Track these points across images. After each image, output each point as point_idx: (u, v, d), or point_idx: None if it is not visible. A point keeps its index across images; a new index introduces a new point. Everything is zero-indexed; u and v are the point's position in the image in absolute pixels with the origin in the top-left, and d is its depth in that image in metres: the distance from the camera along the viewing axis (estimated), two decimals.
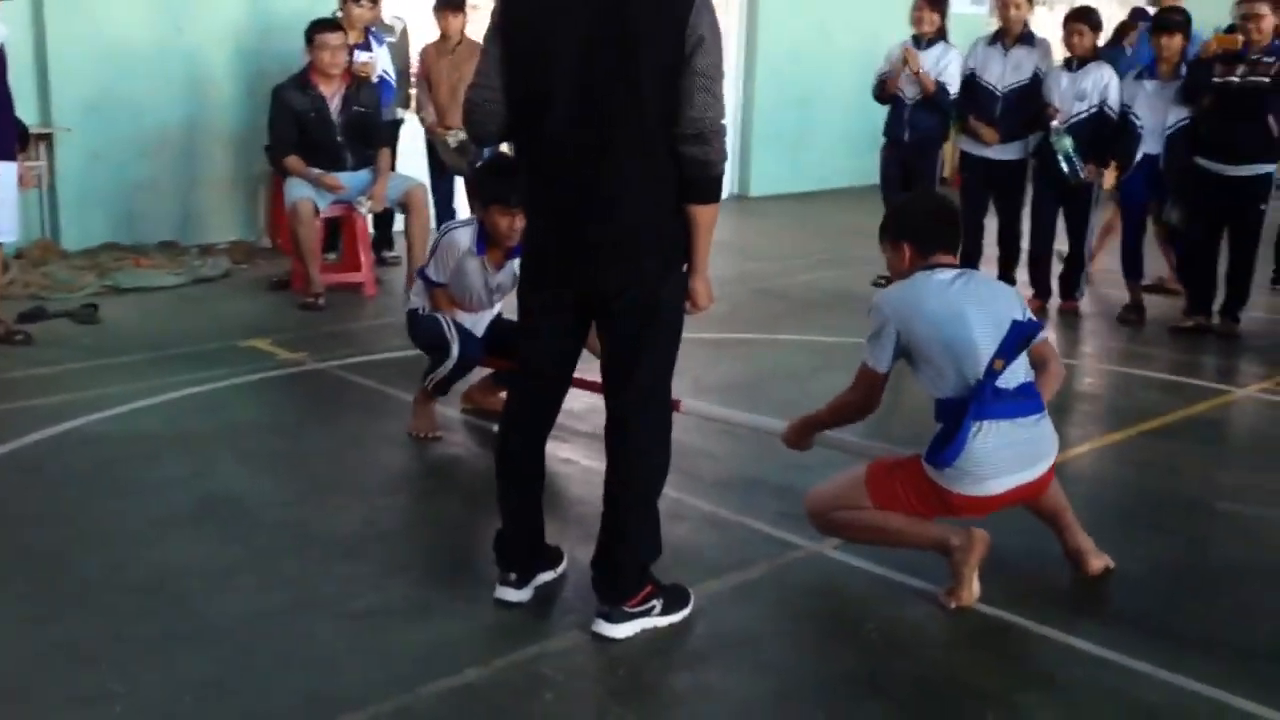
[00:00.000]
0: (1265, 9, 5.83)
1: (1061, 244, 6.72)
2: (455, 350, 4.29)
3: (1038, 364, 3.26)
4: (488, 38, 2.93)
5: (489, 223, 4.16)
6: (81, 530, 3.52)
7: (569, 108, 2.79)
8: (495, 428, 4.49)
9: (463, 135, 7.21)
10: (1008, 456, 3.07)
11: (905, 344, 3.17)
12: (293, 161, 6.46)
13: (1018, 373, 3.13)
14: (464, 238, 4.27)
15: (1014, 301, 3.23)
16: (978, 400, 3.02)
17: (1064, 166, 6.37)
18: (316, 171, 6.44)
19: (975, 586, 3.17)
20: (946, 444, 3.04)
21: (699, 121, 2.78)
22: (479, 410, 4.70)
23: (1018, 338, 3.08)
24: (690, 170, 2.85)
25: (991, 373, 3.04)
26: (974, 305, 3.12)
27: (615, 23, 2.74)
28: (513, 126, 2.93)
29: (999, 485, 3.09)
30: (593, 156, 2.81)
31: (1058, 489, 3.35)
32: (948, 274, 3.20)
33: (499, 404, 4.66)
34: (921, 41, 7.04)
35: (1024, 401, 3.11)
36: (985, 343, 3.08)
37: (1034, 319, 3.22)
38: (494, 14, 2.91)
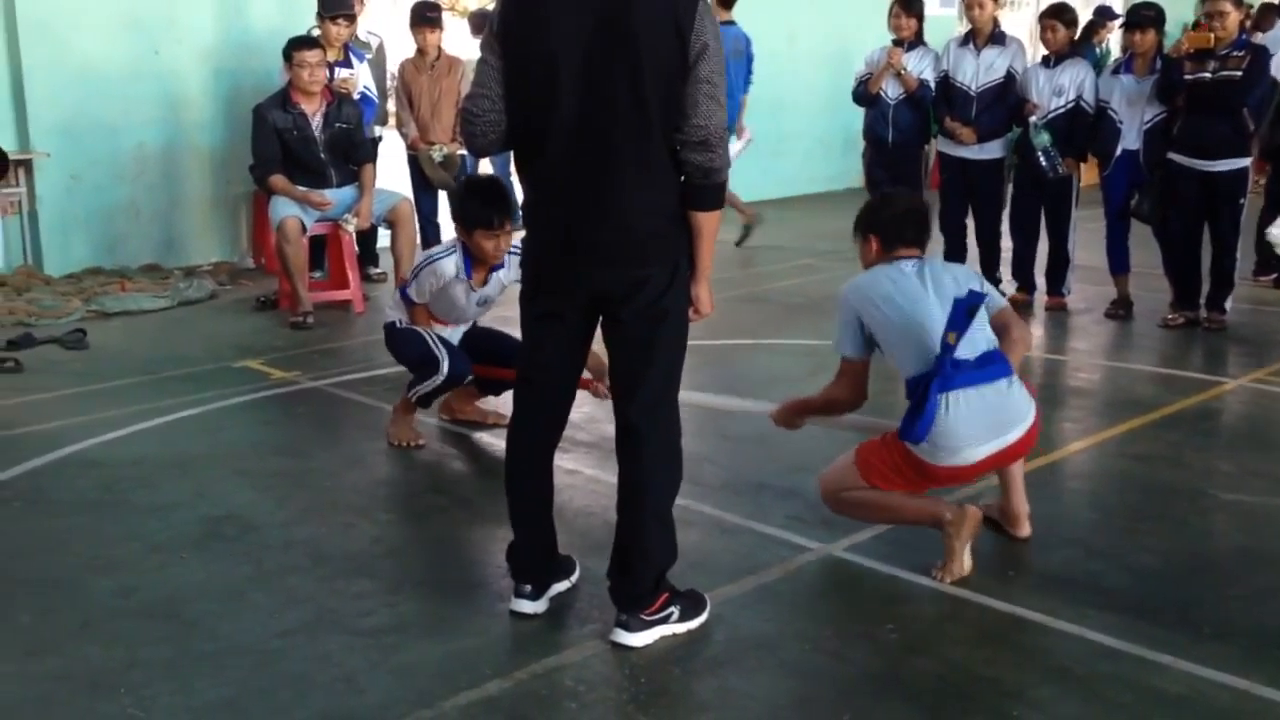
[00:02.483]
0: (1228, 6, 5.89)
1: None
2: (445, 368, 4.27)
3: (999, 331, 3.39)
4: (485, 47, 2.92)
5: (474, 245, 4.15)
6: (87, 556, 3.48)
7: (572, 117, 2.78)
8: (477, 435, 4.54)
9: (446, 150, 7.21)
10: (979, 425, 3.22)
11: (868, 330, 3.36)
12: (278, 180, 6.43)
13: (977, 343, 3.27)
14: (448, 267, 4.24)
15: (964, 279, 3.41)
16: (940, 375, 3.17)
17: (1042, 161, 6.45)
18: (302, 189, 6.42)
19: (967, 561, 3.29)
20: (916, 420, 3.18)
21: (704, 129, 2.79)
22: (456, 419, 4.69)
23: (962, 310, 3.19)
24: (694, 177, 2.86)
25: (946, 346, 3.17)
26: (928, 288, 3.33)
27: (618, 31, 2.73)
28: (513, 136, 2.92)
29: (975, 454, 3.25)
30: (596, 165, 2.81)
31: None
32: (908, 265, 3.41)
33: (476, 413, 4.67)
34: (902, 45, 7.08)
35: (987, 369, 3.25)
36: (936, 320, 3.24)
37: (977, 291, 3.32)
38: (492, 24, 2.90)
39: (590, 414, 4.65)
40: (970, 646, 2.99)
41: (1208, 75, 5.96)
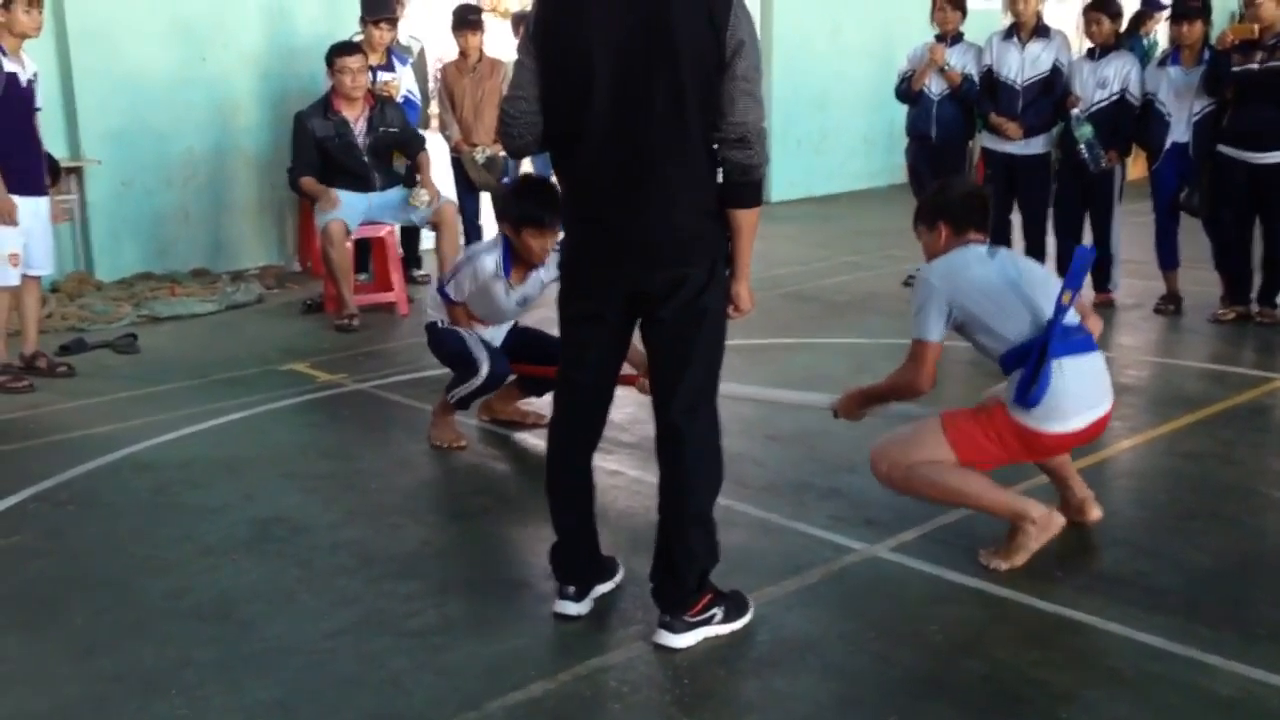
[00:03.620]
0: None
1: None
2: (485, 370, 4.29)
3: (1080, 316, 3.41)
4: (521, 49, 2.94)
5: (520, 244, 4.15)
6: (140, 558, 3.55)
7: (610, 116, 2.79)
8: (519, 436, 4.56)
9: (489, 152, 7.26)
10: (1087, 390, 3.26)
11: (956, 311, 3.32)
12: (308, 182, 6.52)
13: (1072, 316, 3.28)
14: (489, 264, 4.25)
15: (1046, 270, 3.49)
16: (1053, 338, 3.16)
17: (1085, 154, 6.38)
18: (322, 188, 6.47)
19: (1023, 558, 3.30)
20: (1032, 384, 3.17)
21: (742, 125, 2.79)
22: (497, 420, 4.71)
23: (1079, 268, 3.20)
24: (733, 174, 2.86)
25: (1061, 307, 3.17)
26: (1014, 267, 3.39)
27: (655, 30, 2.74)
28: (551, 136, 2.93)
29: (1081, 420, 3.26)
30: (635, 164, 2.81)
31: None
32: (981, 248, 3.43)
33: (516, 413, 4.68)
34: (945, 39, 7.04)
35: (1086, 337, 3.31)
36: (1028, 291, 3.29)
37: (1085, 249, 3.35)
38: (528, 25, 2.91)
39: (633, 415, 4.65)
40: (1017, 648, 2.97)
41: (1255, 66, 5.86)
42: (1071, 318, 3.29)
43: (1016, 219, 6.98)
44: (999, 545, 3.36)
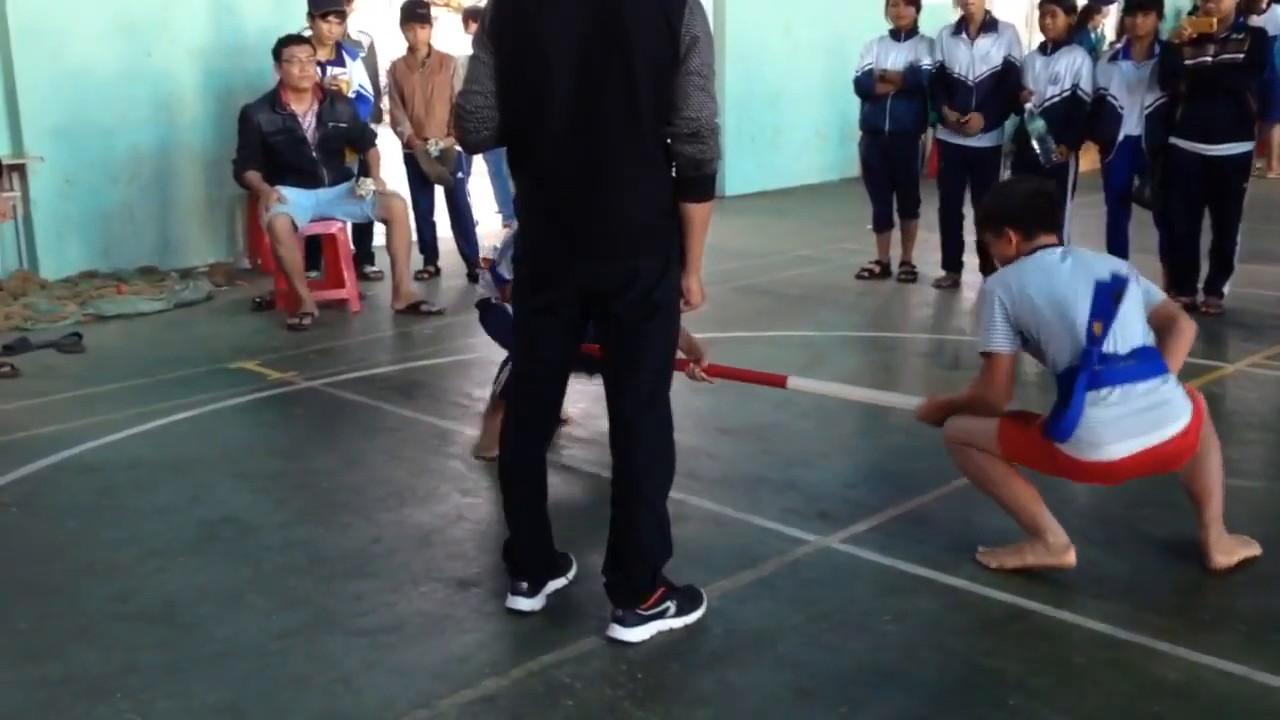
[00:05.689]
0: None
1: None
2: None
3: (1160, 329, 3.24)
4: (477, 44, 2.93)
5: None
6: (84, 561, 3.48)
7: (565, 111, 2.79)
8: (473, 433, 4.49)
9: (442, 145, 7.20)
10: (1128, 422, 3.04)
11: (1018, 324, 3.18)
12: (251, 176, 6.45)
13: (1131, 336, 3.11)
14: None
15: (1109, 265, 3.24)
16: (1086, 367, 3.02)
17: (1037, 149, 6.44)
18: (265, 186, 6.38)
19: (1012, 564, 3.28)
20: (1062, 416, 3.04)
21: (695, 120, 2.80)
22: None
23: (1106, 297, 3.06)
24: (686, 169, 2.87)
25: (1092, 337, 3.03)
26: (1080, 277, 3.16)
27: (609, 26, 2.74)
28: (506, 131, 2.92)
29: (1120, 450, 3.05)
30: (589, 158, 2.82)
31: (1213, 472, 3.29)
32: (1054, 253, 3.25)
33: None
34: (900, 34, 7.07)
35: (1140, 365, 3.08)
36: (1084, 311, 3.10)
37: (1121, 275, 3.19)
38: (484, 21, 2.90)
39: (586, 409, 4.64)
40: (970, 637, 2.99)
41: (1209, 59, 5.94)
42: (1136, 336, 3.12)
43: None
44: (1001, 546, 3.34)
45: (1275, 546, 3.41)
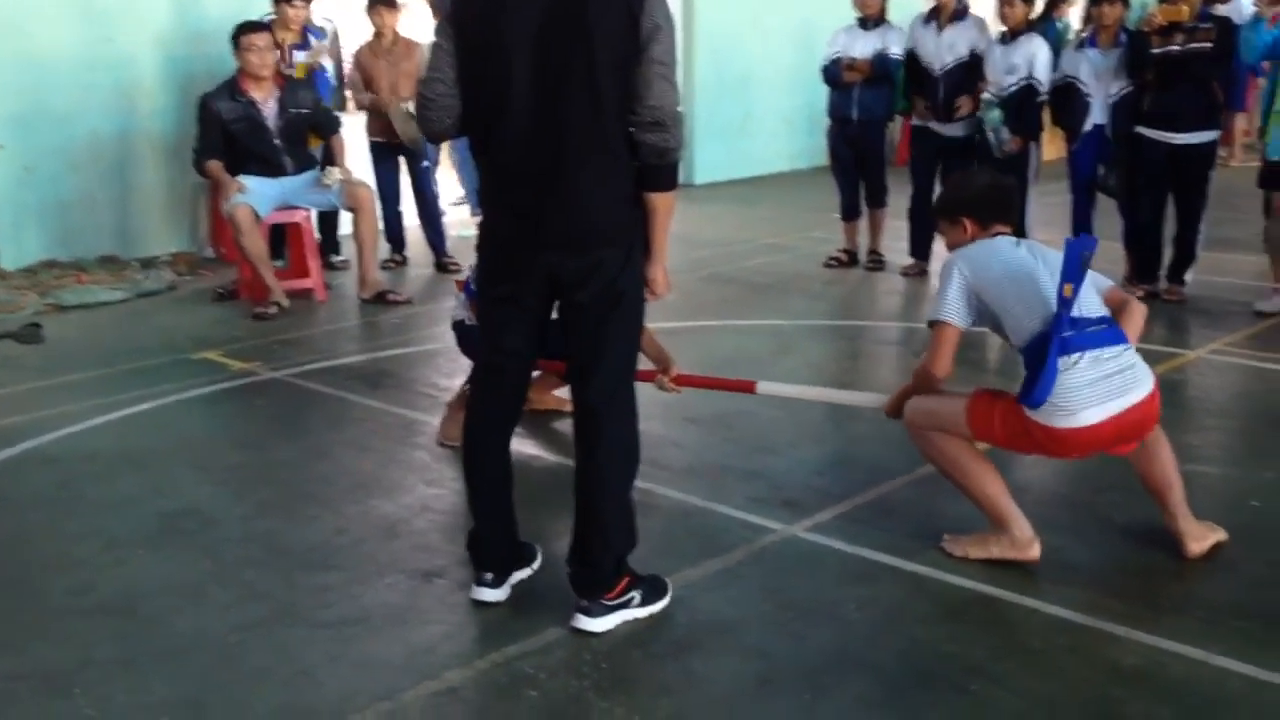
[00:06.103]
0: None
1: None
2: None
3: (1117, 307, 3.29)
4: (439, 31, 2.92)
5: None
6: (43, 554, 3.44)
7: (526, 101, 2.78)
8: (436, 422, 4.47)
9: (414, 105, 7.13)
10: (1100, 386, 3.07)
11: (979, 297, 3.21)
12: (213, 166, 6.37)
13: (1093, 304, 3.17)
14: None
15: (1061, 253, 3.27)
16: (1058, 331, 3.04)
17: (991, 138, 6.48)
18: (226, 176, 6.32)
19: (976, 554, 3.29)
20: (1036, 382, 3.05)
21: (658, 109, 2.79)
22: (535, 410, 4.44)
23: (1075, 259, 3.05)
24: (649, 158, 2.86)
25: (1064, 300, 3.05)
26: (1040, 258, 3.24)
27: (570, 15, 2.73)
28: (469, 120, 2.91)
29: (1094, 415, 3.07)
30: (551, 148, 2.81)
31: (1167, 460, 3.33)
32: (1010, 239, 3.34)
33: (554, 401, 4.52)
34: (868, 23, 7.08)
35: (1105, 330, 3.15)
36: (1049, 283, 3.14)
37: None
38: (445, 8, 2.88)
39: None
40: (932, 624, 3.00)
41: (1177, 48, 5.97)
42: (1097, 307, 3.18)
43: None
44: (967, 535, 3.35)
45: (1236, 532, 3.45)
